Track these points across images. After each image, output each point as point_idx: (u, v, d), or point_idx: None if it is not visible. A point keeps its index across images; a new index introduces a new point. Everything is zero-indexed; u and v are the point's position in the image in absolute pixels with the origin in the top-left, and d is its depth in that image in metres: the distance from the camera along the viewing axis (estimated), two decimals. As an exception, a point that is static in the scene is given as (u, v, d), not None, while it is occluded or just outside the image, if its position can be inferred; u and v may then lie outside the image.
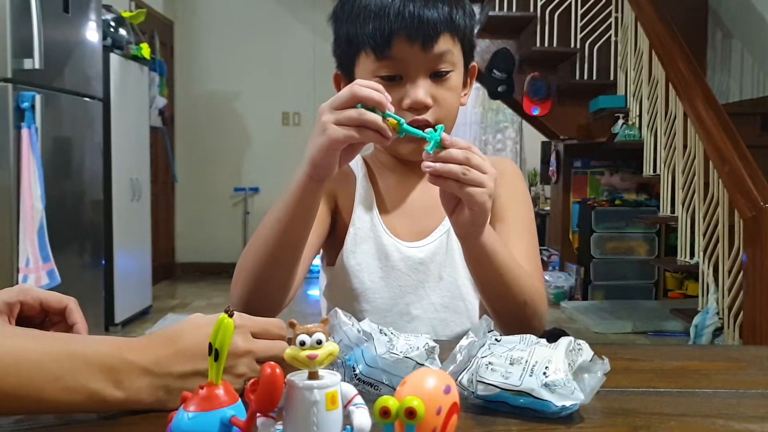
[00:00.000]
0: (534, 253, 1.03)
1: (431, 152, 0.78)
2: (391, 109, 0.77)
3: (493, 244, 0.88)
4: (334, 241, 1.08)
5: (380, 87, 0.77)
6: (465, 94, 1.06)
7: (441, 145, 0.78)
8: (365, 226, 1.06)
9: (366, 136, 0.77)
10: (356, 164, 1.11)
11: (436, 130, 0.79)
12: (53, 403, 0.59)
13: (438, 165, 0.78)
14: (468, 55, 1.02)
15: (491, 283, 0.92)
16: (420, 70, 0.95)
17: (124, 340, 0.64)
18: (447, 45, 0.96)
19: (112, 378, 0.59)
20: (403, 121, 0.78)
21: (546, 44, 4.66)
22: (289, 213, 0.84)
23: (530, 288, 0.93)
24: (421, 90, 0.94)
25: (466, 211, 0.82)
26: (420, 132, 0.79)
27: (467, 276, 1.06)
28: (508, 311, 0.94)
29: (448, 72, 0.97)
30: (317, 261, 1.13)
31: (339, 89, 0.92)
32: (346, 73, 1.03)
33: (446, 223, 1.06)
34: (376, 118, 0.76)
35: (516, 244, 1.00)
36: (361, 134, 0.77)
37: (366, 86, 0.77)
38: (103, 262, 3.80)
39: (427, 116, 0.96)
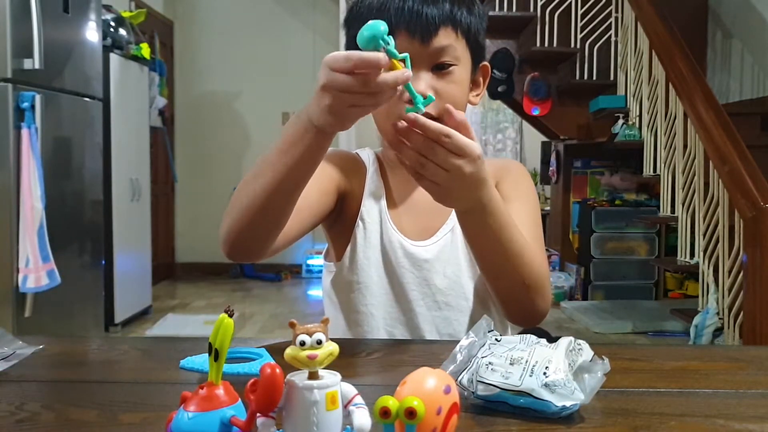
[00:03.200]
0: (538, 240, 1.02)
1: (407, 113, 0.74)
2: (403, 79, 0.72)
3: (486, 218, 0.86)
4: (341, 231, 1.08)
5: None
6: (477, 95, 1.06)
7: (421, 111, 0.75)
8: (374, 220, 1.07)
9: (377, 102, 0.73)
10: (368, 159, 1.12)
11: (425, 97, 0.76)
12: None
13: (402, 145, 0.77)
14: (476, 53, 1.02)
15: (487, 258, 0.92)
16: (421, 64, 0.94)
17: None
18: (448, 39, 0.95)
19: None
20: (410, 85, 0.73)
21: (546, 44, 4.66)
22: (291, 166, 0.80)
23: (532, 269, 0.91)
24: (422, 82, 0.94)
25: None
26: (416, 94, 0.75)
27: (470, 275, 1.07)
28: (506, 289, 0.93)
29: (450, 65, 0.96)
30: (320, 261, 1.13)
31: None
32: None
33: (451, 221, 1.07)
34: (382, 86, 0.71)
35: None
36: (371, 108, 0.74)
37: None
38: (103, 262, 3.79)
39: (429, 108, 0.94)
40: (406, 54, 0.73)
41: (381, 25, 0.71)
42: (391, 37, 0.72)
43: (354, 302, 1.07)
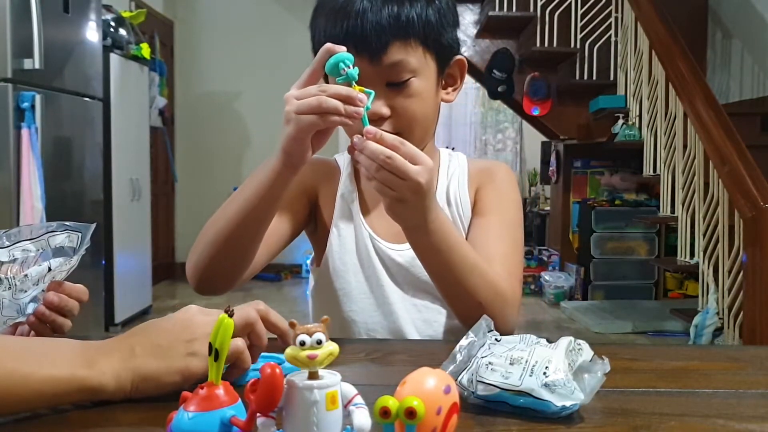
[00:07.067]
0: (512, 257, 1.00)
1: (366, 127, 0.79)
2: (362, 103, 0.77)
3: (430, 237, 0.86)
4: (319, 240, 1.08)
5: (347, 91, 0.77)
6: (454, 89, 1.03)
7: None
8: (348, 226, 1.06)
9: (329, 121, 0.77)
10: (344, 162, 1.11)
11: (368, 96, 0.78)
12: (37, 392, 0.61)
13: (362, 152, 0.79)
14: (441, 52, 0.96)
15: (438, 278, 0.92)
16: (374, 83, 0.89)
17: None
18: (399, 54, 0.91)
19: (87, 360, 0.63)
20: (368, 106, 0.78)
21: (546, 44, 4.66)
22: (258, 195, 0.85)
23: (488, 290, 0.91)
24: (377, 102, 0.91)
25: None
26: (367, 125, 0.79)
27: None
28: (462, 310, 0.94)
29: (406, 80, 0.92)
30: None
31: None
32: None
33: None
34: (336, 104, 0.76)
35: (495, 245, 0.99)
36: (324, 121, 0.77)
37: (332, 94, 0.77)
38: (103, 262, 3.79)
39: (386, 127, 0.92)
40: (372, 91, 0.79)
41: (343, 53, 0.79)
42: (356, 69, 0.79)
43: (335, 309, 1.06)
